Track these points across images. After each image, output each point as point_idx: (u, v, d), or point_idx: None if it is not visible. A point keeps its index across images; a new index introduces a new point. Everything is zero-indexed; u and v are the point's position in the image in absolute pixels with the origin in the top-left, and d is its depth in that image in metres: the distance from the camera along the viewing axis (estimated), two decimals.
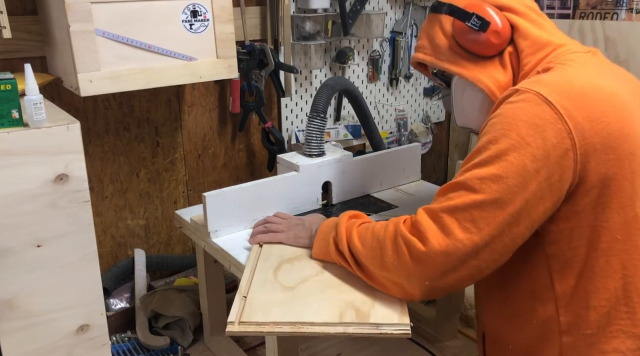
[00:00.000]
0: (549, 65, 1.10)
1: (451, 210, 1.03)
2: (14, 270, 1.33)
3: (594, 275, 1.05)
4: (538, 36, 1.14)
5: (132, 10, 1.55)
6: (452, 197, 1.04)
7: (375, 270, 1.14)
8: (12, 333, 1.36)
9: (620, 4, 2.19)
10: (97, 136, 1.94)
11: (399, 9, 2.49)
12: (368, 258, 1.15)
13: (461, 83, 1.21)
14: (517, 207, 0.99)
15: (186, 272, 2.17)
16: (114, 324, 1.87)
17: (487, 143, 1.03)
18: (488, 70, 1.16)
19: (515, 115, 1.01)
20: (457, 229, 1.01)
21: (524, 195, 0.99)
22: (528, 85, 1.04)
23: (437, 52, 1.20)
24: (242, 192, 1.54)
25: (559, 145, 0.98)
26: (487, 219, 1.00)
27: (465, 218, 1.01)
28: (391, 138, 2.65)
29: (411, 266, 1.06)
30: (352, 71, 2.44)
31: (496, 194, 0.99)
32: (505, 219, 1.00)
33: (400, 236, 1.08)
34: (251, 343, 1.85)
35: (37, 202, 1.31)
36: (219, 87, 2.14)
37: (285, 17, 2.10)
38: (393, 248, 1.09)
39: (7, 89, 1.25)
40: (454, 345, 1.85)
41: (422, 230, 1.05)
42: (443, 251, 1.02)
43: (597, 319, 1.06)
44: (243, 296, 1.20)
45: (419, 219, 1.06)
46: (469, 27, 1.14)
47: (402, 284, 1.10)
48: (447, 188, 1.06)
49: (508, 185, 0.99)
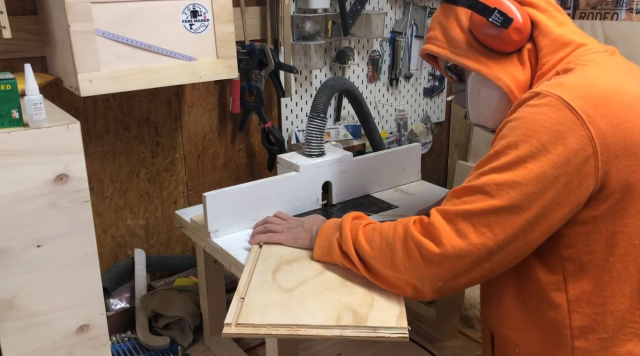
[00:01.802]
0: (569, 66, 1.07)
1: (467, 214, 1.02)
2: (14, 270, 1.33)
3: (612, 279, 1.03)
4: (559, 35, 1.10)
5: (132, 10, 1.55)
6: (468, 201, 1.02)
7: (385, 271, 1.13)
8: (12, 333, 1.36)
9: (620, 4, 2.19)
10: (97, 136, 1.94)
11: (399, 9, 2.49)
12: (377, 259, 1.13)
13: (478, 80, 1.17)
14: (533, 213, 0.98)
15: (186, 272, 2.17)
16: (114, 324, 1.87)
17: (506, 148, 1.01)
18: (507, 67, 1.12)
19: (536, 121, 0.98)
20: (472, 233, 1.01)
21: (541, 201, 0.98)
22: (549, 88, 1.01)
23: (453, 46, 1.16)
24: (242, 192, 1.54)
25: (580, 152, 0.96)
26: (503, 225, 0.99)
27: (481, 223, 1.00)
28: (391, 138, 2.65)
29: (423, 268, 1.05)
30: (352, 71, 2.44)
31: (514, 200, 0.98)
32: (521, 225, 0.99)
33: (410, 238, 1.07)
34: (251, 343, 1.85)
35: (37, 202, 1.31)
36: (219, 87, 2.14)
37: (285, 17, 2.10)
38: (403, 250, 1.07)
39: (7, 88, 1.25)
40: (454, 345, 1.85)
41: (435, 233, 1.03)
42: (457, 254, 1.01)
43: (613, 323, 1.05)
44: (241, 297, 1.20)
45: (432, 221, 1.05)
46: (490, 23, 1.10)
47: (414, 284, 1.09)
48: (463, 191, 1.05)
49: (526, 191, 0.98)
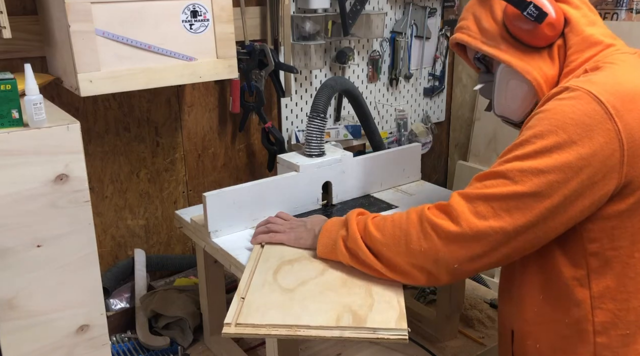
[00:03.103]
0: (597, 64, 1.08)
1: (488, 198, 1.03)
2: (14, 270, 1.33)
3: (636, 276, 1.04)
4: (590, 34, 1.12)
5: (132, 10, 1.55)
6: (490, 185, 1.04)
7: (397, 257, 1.13)
8: (12, 333, 1.36)
9: (620, 4, 2.19)
10: (97, 136, 1.94)
11: (399, 9, 2.49)
12: (390, 246, 1.13)
13: (507, 72, 1.18)
14: (555, 201, 0.99)
15: (186, 272, 2.17)
16: (114, 324, 1.87)
17: (532, 138, 1.02)
18: (537, 61, 1.13)
19: (564, 113, 1.00)
20: (491, 216, 1.02)
21: (563, 190, 0.99)
22: (579, 83, 1.03)
23: (485, 37, 1.17)
24: (242, 192, 1.54)
25: (606, 145, 0.97)
26: (522, 210, 1.00)
27: (501, 207, 1.01)
28: (391, 138, 2.65)
29: (441, 248, 1.06)
30: (352, 71, 2.44)
31: (535, 187, 0.99)
32: (541, 212, 1.00)
33: (426, 221, 1.08)
34: (251, 343, 1.85)
35: (37, 202, 1.31)
36: (219, 87, 2.14)
37: (285, 17, 2.10)
38: (419, 234, 1.08)
39: (7, 88, 1.25)
40: (454, 345, 1.85)
41: (454, 213, 1.05)
42: (474, 235, 1.02)
43: (635, 319, 1.05)
44: (241, 297, 1.20)
45: (451, 203, 1.07)
46: (524, 16, 1.10)
47: (428, 269, 1.10)
48: (485, 176, 1.06)
49: (549, 179, 0.99)
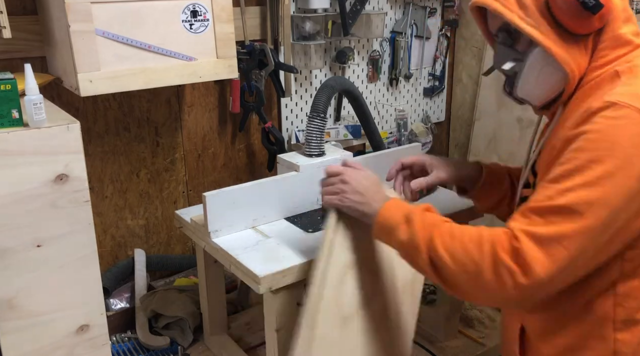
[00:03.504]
0: (630, 67, 1.06)
1: (560, 238, 0.98)
2: (14, 270, 1.33)
3: None
4: (623, 33, 1.09)
5: (132, 10, 1.55)
6: (557, 222, 0.99)
7: (465, 286, 1.07)
8: (12, 333, 1.36)
9: None
10: (97, 136, 1.94)
11: (399, 9, 2.49)
12: (459, 275, 1.06)
13: (543, 57, 1.11)
14: (618, 226, 0.99)
15: (186, 272, 2.17)
16: (114, 324, 1.87)
17: (589, 163, 0.99)
18: (574, 51, 1.09)
19: (617, 134, 0.98)
20: (567, 259, 0.99)
21: (626, 214, 0.99)
22: (625, 98, 1.00)
23: (524, 12, 1.09)
24: (242, 192, 1.54)
25: None
26: (594, 244, 0.99)
27: (576, 248, 0.98)
28: (391, 138, 2.65)
29: (513, 295, 1.01)
30: (352, 71, 2.44)
31: (604, 220, 0.98)
32: (606, 240, 1.00)
33: (502, 265, 1.01)
34: (251, 343, 1.85)
35: (37, 202, 1.31)
36: (219, 87, 2.14)
37: (285, 17, 2.10)
38: (493, 276, 1.02)
39: (7, 89, 1.25)
40: (454, 345, 1.85)
41: (527, 261, 0.99)
42: (550, 280, 0.99)
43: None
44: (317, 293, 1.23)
45: (523, 247, 1.00)
46: (578, 3, 1.04)
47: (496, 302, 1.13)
48: (548, 210, 1.01)
49: (614, 208, 0.98)
